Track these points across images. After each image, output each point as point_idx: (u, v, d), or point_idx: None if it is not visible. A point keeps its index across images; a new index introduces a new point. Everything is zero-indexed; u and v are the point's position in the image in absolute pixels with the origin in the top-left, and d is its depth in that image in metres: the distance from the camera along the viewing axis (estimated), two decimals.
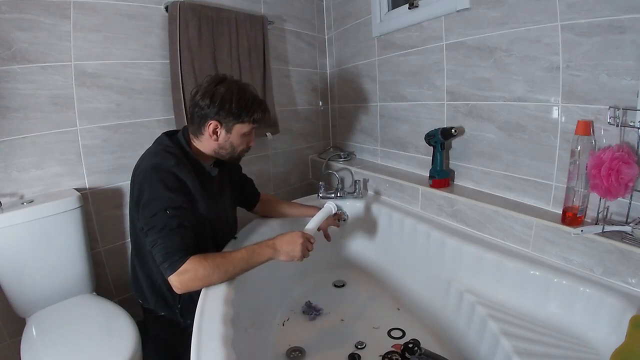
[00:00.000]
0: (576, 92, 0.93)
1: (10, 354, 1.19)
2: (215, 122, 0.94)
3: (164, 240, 0.82)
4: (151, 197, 0.86)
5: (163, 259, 0.82)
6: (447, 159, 1.36)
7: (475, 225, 1.17)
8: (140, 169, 0.91)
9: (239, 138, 0.98)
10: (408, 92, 1.50)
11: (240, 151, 1.03)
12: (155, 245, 0.83)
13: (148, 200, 0.85)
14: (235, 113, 0.93)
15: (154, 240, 0.83)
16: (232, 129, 0.96)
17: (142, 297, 1.07)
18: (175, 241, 0.83)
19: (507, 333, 0.85)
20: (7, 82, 1.11)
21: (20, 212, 1.06)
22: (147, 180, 0.87)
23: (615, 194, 0.81)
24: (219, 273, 0.86)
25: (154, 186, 0.86)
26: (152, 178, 0.87)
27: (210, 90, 0.93)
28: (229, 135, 0.96)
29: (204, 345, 0.69)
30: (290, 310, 1.32)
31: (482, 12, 1.12)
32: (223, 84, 0.95)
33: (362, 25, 1.69)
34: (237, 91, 0.94)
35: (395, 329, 1.19)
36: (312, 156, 2.06)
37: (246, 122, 0.96)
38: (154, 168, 0.88)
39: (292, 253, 0.96)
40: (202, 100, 0.93)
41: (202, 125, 0.95)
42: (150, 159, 0.91)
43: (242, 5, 1.60)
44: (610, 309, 0.79)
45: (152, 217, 0.84)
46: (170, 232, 0.83)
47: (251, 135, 1.02)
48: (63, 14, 1.17)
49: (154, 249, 0.83)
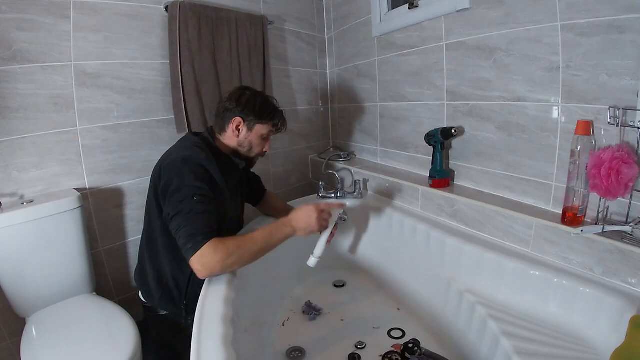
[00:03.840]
0: (576, 92, 0.93)
1: (10, 354, 1.19)
2: (239, 119, 1.03)
3: (189, 223, 0.84)
4: (180, 185, 0.88)
5: (186, 240, 0.83)
6: (447, 159, 1.36)
7: (475, 225, 1.17)
8: (168, 160, 0.94)
9: (257, 139, 1.07)
10: (408, 92, 1.50)
11: (256, 154, 1.11)
12: (180, 228, 0.85)
13: (177, 188, 0.88)
14: (258, 113, 1.03)
15: (179, 224, 0.85)
16: (253, 128, 1.05)
17: (146, 292, 1.08)
18: (200, 224, 0.85)
19: (507, 333, 0.85)
20: (7, 82, 1.11)
21: (20, 212, 1.05)
22: (177, 170, 0.90)
23: (615, 194, 0.81)
24: (239, 252, 0.87)
25: (183, 175, 0.89)
26: (182, 168, 0.90)
27: (237, 94, 1.05)
28: (249, 133, 1.05)
29: (204, 345, 0.69)
30: (290, 310, 1.32)
31: (482, 12, 1.12)
32: (249, 90, 1.08)
33: (362, 25, 1.69)
34: (262, 96, 1.07)
35: (395, 329, 1.19)
36: (312, 156, 2.06)
37: (266, 124, 1.06)
38: (185, 159, 0.92)
39: (309, 228, 0.99)
40: (228, 102, 1.04)
41: (226, 121, 1.04)
42: (181, 151, 0.95)
43: (242, 5, 1.60)
44: (610, 309, 0.79)
45: (179, 203, 0.86)
46: (195, 215, 0.85)
47: (268, 140, 1.10)
48: (63, 14, 1.18)
49: (178, 233, 0.85)
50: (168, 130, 1.46)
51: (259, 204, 1.35)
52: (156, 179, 0.97)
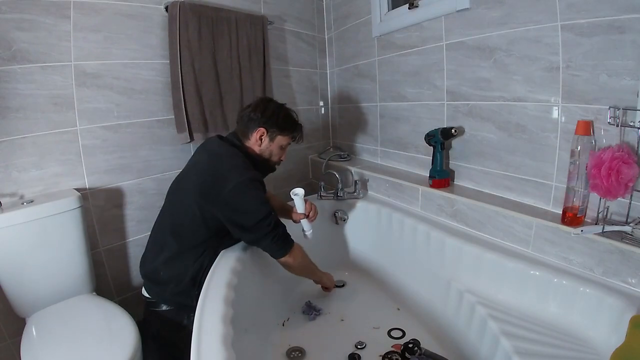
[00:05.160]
0: (576, 92, 0.93)
1: (10, 354, 1.19)
2: (262, 130, 1.10)
3: (277, 237, 1.04)
4: (254, 207, 1.01)
5: (278, 246, 1.05)
6: (447, 159, 1.36)
7: (475, 225, 1.17)
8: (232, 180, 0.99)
9: (277, 148, 1.15)
10: (408, 92, 1.50)
11: (274, 162, 1.19)
12: (266, 239, 1.02)
13: (254, 208, 1.00)
14: (281, 125, 1.12)
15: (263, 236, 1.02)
16: (275, 139, 1.13)
17: (155, 286, 1.09)
18: (283, 232, 1.06)
19: (507, 333, 0.85)
20: (7, 82, 1.11)
21: (20, 212, 1.05)
22: (248, 191, 1.00)
23: (615, 194, 0.81)
24: (303, 264, 1.14)
25: (256, 196, 1.01)
26: (252, 189, 1.01)
27: (263, 106, 1.12)
28: (271, 143, 1.13)
29: (204, 345, 0.69)
30: (290, 310, 1.32)
31: (482, 12, 1.12)
32: (273, 102, 1.16)
33: (362, 25, 1.69)
34: (285, 110, 1.15)
35: (395, 329, 1.19)
36: (312, 156, 2.06)
37: (287, 135, 1.15)
38: (252, 180, 1.01)
39: (331, 284, 1.33)
40: (253, 113, 1.11)
41: (250, 130, 1.11)
42: (243, 172, 1.02)
43: (242, 5, 1.60)
44: (610, 309, 0.79)
45: (260, 221, 1.00)
46: (276, 228, 1.03)
47: (285, 150, 1.19)
48: (63, 14, 1.17)
49: (265, 242, 1.03)
50: (168, 130, 1.46)
51: None
52: (210, 195, 1.00)
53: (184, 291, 1.05)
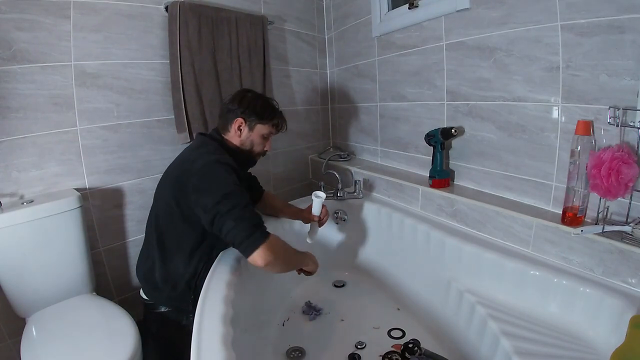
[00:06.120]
0: (576, 92, 0.93)
1: (10, 354, 1.19)
2: (240, 120, 1.08)
3: (242, 219, 0.88)
4: (216, 185, 0.91)
5: (246, 233, 0.87)
6: (447, 159, 1.36)
7: (475, 225, 1.17)
8: (200, 164, 0.95)
9: (258, 138, 1.11)
10: (408, 92, 1.50)
11: (257, 153, 1.15)
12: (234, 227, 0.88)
13: (216, 187, 0.91)
14: (258, 113, 1.09)
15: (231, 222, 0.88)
16: (254, 128, 1.10)
17: (152, 290, 1.08)
18: (253, 217, 0.91)
19: (507, 333, 0.85)
20: (7, 82, 1.11)
21: (20, 212, 1.05)
22: (212, 171, 0.94)
23: (615, 194, 0.81)
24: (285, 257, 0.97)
25: (220, 175, 0.94)
26: (218, 169, 0.95)
27: (239, 96, 1.11)
28: (250, 133, 1.10)
29: (204, 345, 0.69)
30: (290, 310, 1.32)
31: (482, 12, 1.12)
32: (251, 92, 1.14)
33: (362, 25, 1.69)
34: (262, 98, 1.13)
35: (395, 329, 1.19)
36: (312, 156, 2.06)
37: (267, 124, 1.11)
38: (218, 162, 0.96)
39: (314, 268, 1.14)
40: (231, 104, 1.10)
41: (229, 122, 1.09)
42: (210, 156, 0.98)
43: (242, 5, 1.60)
44: (610, 309, 0.79)
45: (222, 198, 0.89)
46: (244, 209, 0.90)
47: (269, 140, 1.15)
48: (63, 14, 1.17)
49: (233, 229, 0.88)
50: (168, 130, 1.46)
51: (259, 203, 1.36)
52: (181, 184, 0.97)
53: (181, 295, 1.05)
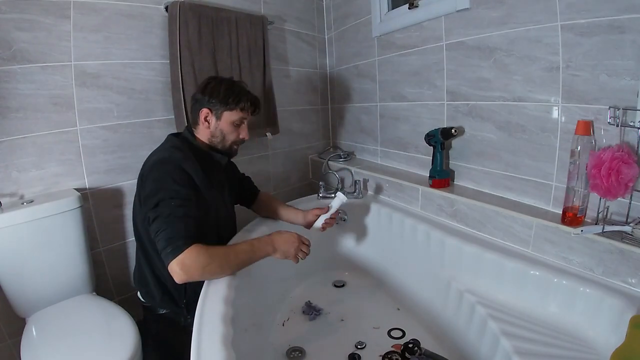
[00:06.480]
0: (576, 92, 0.93)
1: (10, 354, 1.19)
2: (206, 110, 1.02)
3: (169, 227, 0.83)
4: (158, 187, 0.88)
5: (166, 243, 0.81)
6: (447, 159, 1.36)
7: (475, 225, 1.17)
8: (147, 164, 0.95)
9: (228, 126, 1.04)
10: (408, 92, 1.50)
11: (232, 142, 1.08)
12: (159, 232, 0.83)
13: (154, 191, 0.88)
14: (222, 100, 1.01)
15: (158, 227, 0.84)
16: (221, 116, 1.03)
17: (146, 293, 1.08)
18: (180, 228, 0.83)
19: (507, 333, 0.85)
20: (7, 82, 1.10)
21: (20, 212, 1.05)
22: (154, 173, 0.91)
23: (615, 194, 0.81)
24: (220, 261, 0.86)
25: (160, 178, 0.89)
26: (159, 171, 0.91)
27: (203, 84, 1.05)
28: (218, 122, 1.04)
29: (204, 345, 0.69)
30: (290, 310, 1.32)
31: (482, 12, 1.12)
32: (216, 80, 1.06)
33: (362, 25, 1.69)
34: (226, 83, 1.04)
35: (395, 329, 1.19)
36: (312, 156, 2.06)
37: (234, 109, 1.03)
38: (161, 161, 0.92)
39: (286, 253, 1.00)
40: (197, 93, 1.05)
41: (196, 114, 1.04)
42: (158, 155, 0.96)
43: (242, 5, 1.60)
44: (610, 309, 0.79)
45: (156, 207, 0.86)
46: (175, 219, 0.84)
47: (241, 126, 1.07)
48: (63, 14, 1.17)
49: (158, 236, 0.83)
50: (168, 131, 1.45)
51: (254, 204, 1.33)
52: (138, 184, 0.97)
53: (173, 299, 1.05)
